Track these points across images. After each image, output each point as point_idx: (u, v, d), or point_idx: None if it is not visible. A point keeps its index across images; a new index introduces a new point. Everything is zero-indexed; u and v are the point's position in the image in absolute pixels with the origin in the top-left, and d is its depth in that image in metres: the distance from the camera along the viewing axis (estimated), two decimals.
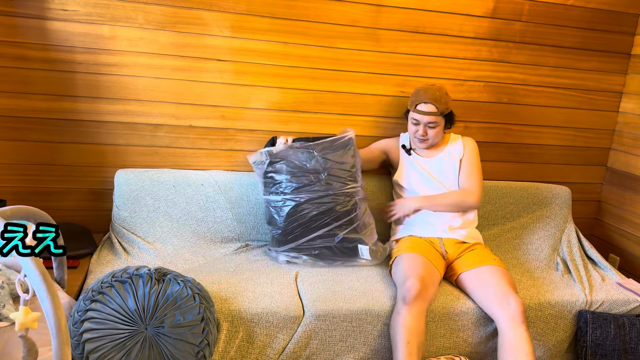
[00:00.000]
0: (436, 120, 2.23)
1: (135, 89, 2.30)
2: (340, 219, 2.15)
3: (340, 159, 2.18)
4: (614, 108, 2.86)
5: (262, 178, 2.22)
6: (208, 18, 2.28)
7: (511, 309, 1.93)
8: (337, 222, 2.15)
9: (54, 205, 2.35)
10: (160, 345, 1.65)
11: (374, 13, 2.42)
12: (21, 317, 1.08)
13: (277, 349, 1.90)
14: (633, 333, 2.16)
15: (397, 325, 1.88)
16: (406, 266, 2.04)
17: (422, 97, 2.22)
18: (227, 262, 2.19)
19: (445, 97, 2.24)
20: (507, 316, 1.92)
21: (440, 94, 2.23)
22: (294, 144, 2.18)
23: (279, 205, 2.16)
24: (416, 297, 1.89)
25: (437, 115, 2.21)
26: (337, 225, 2.15)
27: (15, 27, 2.15)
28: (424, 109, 2.22)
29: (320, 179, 2.14)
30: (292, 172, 2.15)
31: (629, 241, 2.79)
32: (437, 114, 2.21)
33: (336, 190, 2.15)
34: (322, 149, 2.17)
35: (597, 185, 2.98)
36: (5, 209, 1.22)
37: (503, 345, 1.91)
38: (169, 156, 2.42)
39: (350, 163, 2.20)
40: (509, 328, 1.91)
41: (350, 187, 2.18)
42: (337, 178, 2.16)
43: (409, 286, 1.91)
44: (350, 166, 2.20)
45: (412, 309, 1.88)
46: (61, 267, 1.69)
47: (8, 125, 2.24)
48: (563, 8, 2.62)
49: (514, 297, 1.95)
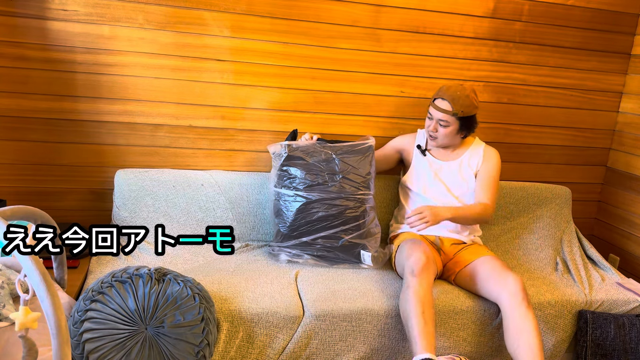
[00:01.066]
0: (448, 120, 2.16)
1: (135, 89, 2.30)
2: (348, 224, 2.15)
3: (357, 164, 2.19)
4: (614, 108, 2.86)
5: (277, 170, 2.22)
6: (208, 18, 2.28)
7: (509, 286, 1.92)
8: (344, 226, 2.15)
9: (54, 205, 2.35)
10: (160, 345, 1.65)
11: (374, 13, 2.42)
12: (21, 317, 1.08)
13: (277, 349, 1.90)
14: (633, 333, 2.16)
15: (409, 297, 1.86)
16: (409, 246, 2.06)
17: (441, 93, 2.18)
18: (227, 262, 2.19)
19: (466, 100, 2.14)
20: (507, 295, 1.92)
21: (461, 94, 2.15)
22: (316, 142, 2.21)
23: (289, 200, 2.17)
24: (424, 268, 1.91)
25: (449, 114, 2.15)
26: (343, 229, 2.15)
27: (15, 27, 2.15)
28: (439, 105, 2.17)
29: (335, 180, 2.15)
30: (308, 169, 2.16)
31: (629, 241, 2.79)
32: (450, 113, 2.15)
33: (348, 195, 2.16)
34: (342, 152, 2.20)
35: (597, 185, 2.98)
36: (5, 209, 1.22)
37: (507, 326, 1.91)
38: (169, 156, 2.42)
39: (366, 170, 2.20)
40: (510, 307, 1.90)
41: (362, 193, 2.18)
42: (351, 182, 2.17)
43: (416, 259, 1.93)
44: (365, 173, 2.20)
45: (421, 280, 1.88)
46: (61, 267, 1.69)
47: (8, 125, 2.24)
48: (563, 8, 2.62)
49: (512, 275, 1.96)
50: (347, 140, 2.31)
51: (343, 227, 2.15)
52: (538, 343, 1.84)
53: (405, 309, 1.87)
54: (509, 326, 1.90)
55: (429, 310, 1.84)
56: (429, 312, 1.84)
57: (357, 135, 2.56)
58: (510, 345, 1.89)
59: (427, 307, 1.84)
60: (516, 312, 1.89)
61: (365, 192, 2.19)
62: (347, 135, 2.56)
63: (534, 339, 1.84)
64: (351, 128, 2.56)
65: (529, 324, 1.86)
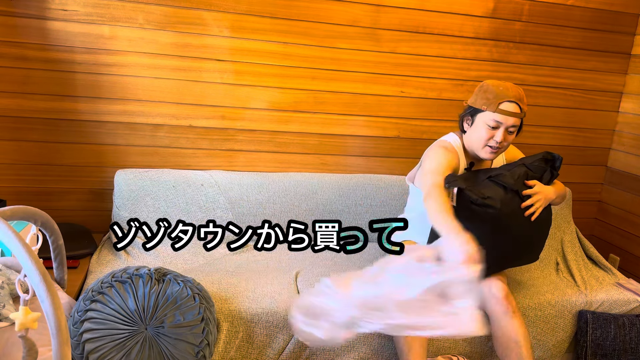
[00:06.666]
0: (518, 124, 1.87)
1: (135, 89, 2.30)
2: None
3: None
4: (614, 108, 2.86)
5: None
6: (208, 18, 2.28)
7: (492, 293, 1.88)
8: None
9: (54, 205, 2.36)
10: (160, 345, 1.65)
11: (374, 13, 2.42)
12: (21, 317, 1.08)
13: (277, 349, 1.90)
14: (633, 333, 2.16)
15: None
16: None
17: (507, 94, 1.83)
18: (227, 262, 2.19)
19: (524, 97, 1.89)
20: (492, 303, 1.89)
21: (522, 93, 1.88)
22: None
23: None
24: None
25: (519, 117, 1.85)
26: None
27: (15, 27, 2.14)
28: (509, 109, 1.82)
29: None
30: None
31: (629, 241, 2.79)
32: (520, 116, 1.85)
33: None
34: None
35: (597, 185, 2.98)
36: (5, 209, 1.22)
37: (494, 334, 1.89)
38: (169, 156, 2.42)
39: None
40: (494, 316, 1.88)
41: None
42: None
43: None
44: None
45: None
46: (61, 267, 1.69)
47: (8, 125, 2.24)
48: (563, 8, 2.62)
49: (495, 282, 1.89)
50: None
51: None
52: (525, 352, 1.82)
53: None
54: (495, 334, 1.89)
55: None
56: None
57: (357, 135, 2.56)
58: (500, 354, 1.88)
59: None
60: (502, 321, 1.86)
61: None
62: (347, 135, 2.56)
63: (521, 348, 1.82)
64: (351, 128, 2.56)
65: (514, 333, 1.83)
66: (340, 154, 2.59)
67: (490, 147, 1.88)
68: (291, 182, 2.44)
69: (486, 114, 1.85)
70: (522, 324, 1.85)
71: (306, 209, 2.43)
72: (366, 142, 2.59)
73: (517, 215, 1.86)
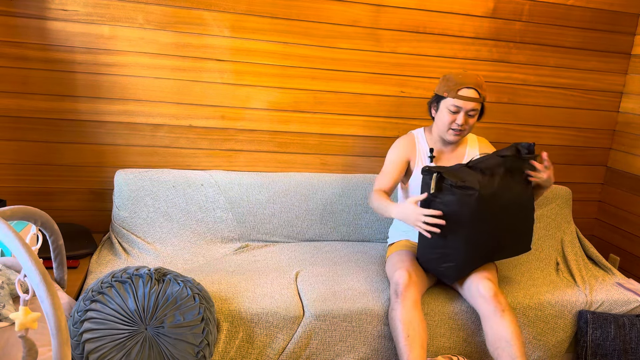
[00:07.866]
0: (477, 108, 2.03)
1: (135, 89, 2.30)
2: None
3: None
4: (614, 108, 2.86)
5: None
6: (208, 18, 2.28)
7: (480, 292, 1.90)
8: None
9: (54, 205, 2.36)
10: (160, 346, 1.65)
11: (374, 13, 2.42)
12: (21, 317, 1.08)
13: (277, 349, 1.90)
14: (633, 333, 2.16)
15: (394, 320, 1.87)
16: (396, 260, 2.06)
17: (463, 82, 2.00)
18: (227, 262, 2.19)
19: (484, 84, 2.05)
20: (480, 302, 1.91)
21: (480, 79, 2.04)
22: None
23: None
24: (406, 288, 1.89)
25: (478, 102, 2.02)
26: None
27: (15, 27, 2.15)
28: (467, 94, 2.00)
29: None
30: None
31: (629, 241, 2.79)
32: (479, 101, 2.02)
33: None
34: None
35: (597, 185, 2.98)
36: (5, 209, 1.22)
37: (486, 333, 1.89)
38: (168, 156, 2.42)
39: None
40: (484, 315, 1.89)
41: None
42: None
43: (397, 278, 1.92)
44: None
45: (405, 301, 1.87)
46: (61, 267, 1.69)
47: (8, 125, 2.24)
48: (563, 8, 2.62)
49: (482, 281, 1.92)
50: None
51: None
52: (516, 351, 1.81)
53: (392, 331, 1.89)
54: (486, 334, 1.89)
55: (414, 332, 1.83)
56: (414, 334, 1.82)
57: (357, 135, 2.56)
58: (491, 354, 1.88)
59: (411, 329, 1.83)
60: (491, 320, 1.87)
61: None
62: (347, 135, 2.56)
63: (512, 347, 1.81)
64: (351, 128, 2.56)
65: (505, 332, 1.83)
66: (340, 154, 2.59)
67: (453, 130, 2.07)
68: (291, 182, 2.44)
69: (447, 100, 2.03)
70: (513, 323, 1.85)
71: (306, 209, 2.43)
72: (366, 142, 2.59)
73: (497, 197, 1.91)
